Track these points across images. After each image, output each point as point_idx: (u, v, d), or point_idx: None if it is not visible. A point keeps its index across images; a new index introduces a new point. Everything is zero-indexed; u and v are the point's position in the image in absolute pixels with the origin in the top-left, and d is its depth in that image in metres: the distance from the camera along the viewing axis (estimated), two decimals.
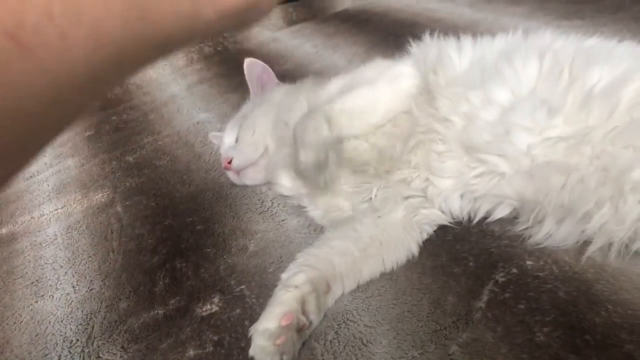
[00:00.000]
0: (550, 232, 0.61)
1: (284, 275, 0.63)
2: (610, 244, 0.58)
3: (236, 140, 0.85)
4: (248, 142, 0.83)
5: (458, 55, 0.70)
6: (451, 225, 0.68)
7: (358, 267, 0.65)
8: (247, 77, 0.95)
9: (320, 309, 0.61)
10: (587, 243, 0.59)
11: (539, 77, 0.62)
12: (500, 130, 0.61)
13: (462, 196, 0.68)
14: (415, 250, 0.67)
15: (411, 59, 0.74)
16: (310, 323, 0.59)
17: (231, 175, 0.86)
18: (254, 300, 0.66)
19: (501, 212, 0.65)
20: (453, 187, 0.68)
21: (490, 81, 0.64)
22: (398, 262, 0.66)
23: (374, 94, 0.70)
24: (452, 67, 0.69)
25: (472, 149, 0.64)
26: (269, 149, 0.83)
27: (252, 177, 0.85)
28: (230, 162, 0.83)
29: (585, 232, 0.59)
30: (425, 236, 0.68)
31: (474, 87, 0.65)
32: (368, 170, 0.72)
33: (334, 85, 0.78)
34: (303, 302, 0.59)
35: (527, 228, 0.64)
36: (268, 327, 0.57)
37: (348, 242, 0.66)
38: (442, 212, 0.69)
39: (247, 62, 0.94)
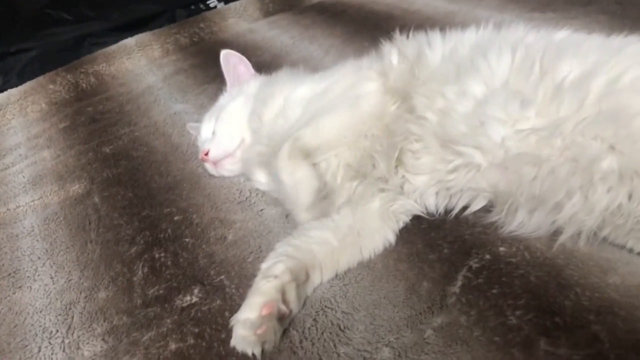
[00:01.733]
0: (523, 222, 0.63)
1: (263, 265, 0.64)
2: (579, 232, 0.60)
3: (213, 132, 0.86)
4: (225, 134, 0.84)
5: (431, 51, 0.71)
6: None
7: (336, 256, 0.66)
8: (223, 69, 0.95)
9: (300, 298, 0.62)
10: (558, 232, 0.61)
11: (512, 70, 0.64)
12: (475, 122, 0.63)
13: (437, 193, 0.70)
14: (392, 238, 0.68)
15: (379, 64, 0.76)
16: (291, 311, 0.60)
17: (208, 166, 0.87)
18: (233, 290, 0.67)
19: (476, 206, 0.67)
20: (428, 183, 0.69)
21: (465, 75, 0.66)
22: (375, 251, 0.67)
23: (338, 122, 0.73)
24: (427, 63, 0.71)
25: (448, 141, 0.65)
26: (245, 141, 0.84)
27: (229, 169, 0.86)
28: (207, 154, 0.83)
29: (556, 222, 0.61)
30: (401, 225, 0.70)
31: (448, 82, 0.66)
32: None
33: (305, 96, 0.80)
34: (283, 292, 0.60)
35: (500, 218, 0.65)
36: (249, 317, 0.57)
37: (327, 231, 0.67)
38: (418, 205, 0.71)
39: (224, 53, 0.95)
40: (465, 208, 0.68)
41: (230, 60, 0.95)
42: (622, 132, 0.55)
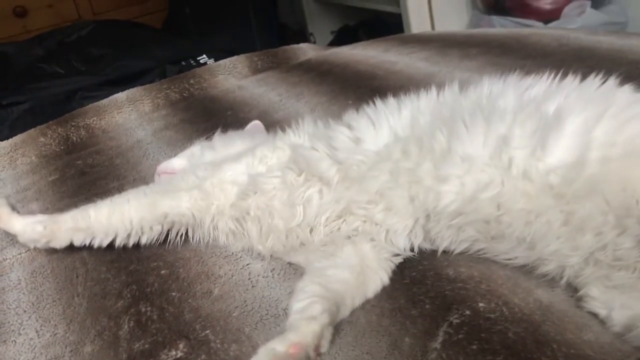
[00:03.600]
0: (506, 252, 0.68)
1: (296, 305, 0.64)
2: (563, 270, 0.63)
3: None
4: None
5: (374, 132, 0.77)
6: (408, 268, 0.72)
7: (354, 294, 0.68)
8: (245, 133, 1.04)
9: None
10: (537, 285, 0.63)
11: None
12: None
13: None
14: (386, 279, 0.71)
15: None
16: (320, 354, 0.60)
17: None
18: (218, 345, 0.67)
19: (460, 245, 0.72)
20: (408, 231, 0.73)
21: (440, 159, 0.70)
22: (376, 291, 0.70)
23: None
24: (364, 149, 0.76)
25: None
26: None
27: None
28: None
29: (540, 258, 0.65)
30: (393, 266, 0.72)
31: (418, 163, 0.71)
32: None
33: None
34: (320, 337, 0.60)
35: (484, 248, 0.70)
36: (276, 347, 0.57)
37: (343, 270, 0.70)
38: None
39: (255, 122, 1.08)
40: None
41: (256, 131, 1.03)
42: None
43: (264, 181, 0.80)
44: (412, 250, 0.74)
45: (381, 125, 0.77)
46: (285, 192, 0.78)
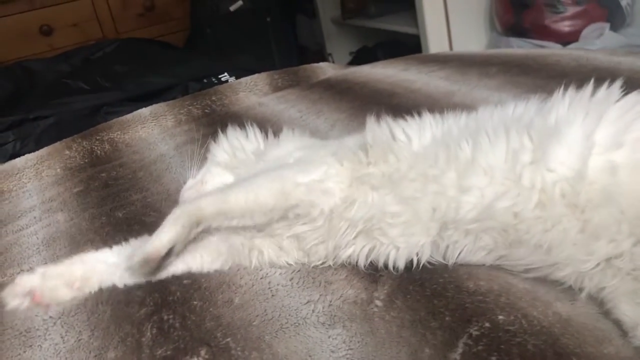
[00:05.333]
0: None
1: None
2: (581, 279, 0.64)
3: None
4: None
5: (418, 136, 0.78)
6: (429, 280, 0.73)
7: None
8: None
9: None
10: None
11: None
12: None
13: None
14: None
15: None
16: None
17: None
18: (239, 352, 0.68)
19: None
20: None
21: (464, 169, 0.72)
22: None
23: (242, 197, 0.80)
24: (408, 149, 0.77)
25: (447, 222, 0.72)
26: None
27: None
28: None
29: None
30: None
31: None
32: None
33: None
34: None
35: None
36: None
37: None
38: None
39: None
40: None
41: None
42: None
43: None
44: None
45: (425, 130, 0.79)
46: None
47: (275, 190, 0.78)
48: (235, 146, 0.97)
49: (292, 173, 0.80)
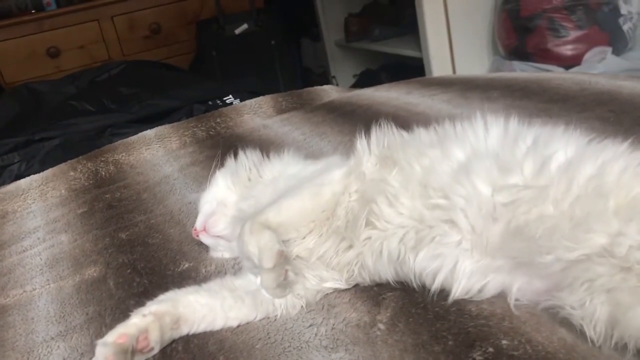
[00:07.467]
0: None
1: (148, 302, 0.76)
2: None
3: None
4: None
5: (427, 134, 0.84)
6: (431, 303, 0.72)
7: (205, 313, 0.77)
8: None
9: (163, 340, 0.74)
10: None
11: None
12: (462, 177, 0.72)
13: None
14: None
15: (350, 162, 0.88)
16: (152, 349, 0.72)
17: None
18: None
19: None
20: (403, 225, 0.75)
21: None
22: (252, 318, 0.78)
23: (299, 205, 0.80)
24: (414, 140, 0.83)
25: (432, 188, 0.73)
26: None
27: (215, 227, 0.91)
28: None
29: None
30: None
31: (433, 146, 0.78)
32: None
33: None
34: (144, 331, 0.71)
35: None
36: (107, 340, 0.69)
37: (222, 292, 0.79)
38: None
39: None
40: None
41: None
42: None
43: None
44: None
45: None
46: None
47: (315, 192, 0.81)
48: (254, 164, 0.97)
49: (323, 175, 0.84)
